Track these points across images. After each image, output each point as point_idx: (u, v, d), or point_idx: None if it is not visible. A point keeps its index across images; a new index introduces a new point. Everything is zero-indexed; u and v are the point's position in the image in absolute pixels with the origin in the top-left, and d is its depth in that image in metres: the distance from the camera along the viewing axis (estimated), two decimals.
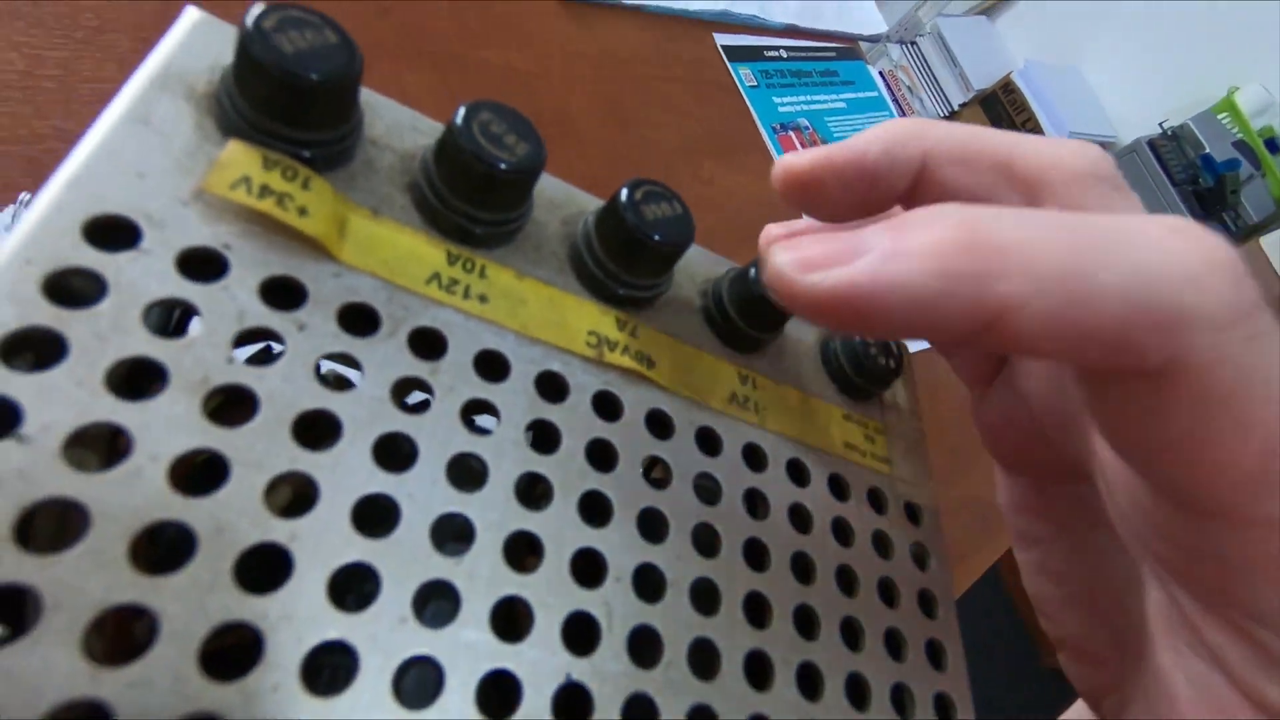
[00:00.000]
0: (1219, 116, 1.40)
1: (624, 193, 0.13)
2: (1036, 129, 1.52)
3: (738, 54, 0.64)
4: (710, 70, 0.60)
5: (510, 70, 0.49)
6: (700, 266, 0.15)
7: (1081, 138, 1.54)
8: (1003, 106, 1.56)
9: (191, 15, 0.12)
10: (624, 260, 0.13)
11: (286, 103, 0.10)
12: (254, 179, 0.10)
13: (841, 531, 0.14)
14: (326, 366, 0.11)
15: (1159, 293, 0.09)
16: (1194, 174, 1.33)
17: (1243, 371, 0.09)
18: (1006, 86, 1.54)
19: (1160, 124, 1.42)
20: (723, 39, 0.63)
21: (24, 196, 0.31)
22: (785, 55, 0.67)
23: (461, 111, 0.12)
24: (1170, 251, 0.09)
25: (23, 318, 0.08)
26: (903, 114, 1.68)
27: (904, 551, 0.15)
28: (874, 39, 0.72)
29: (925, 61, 1.56)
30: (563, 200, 0.14)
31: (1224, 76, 1.47)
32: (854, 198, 0.15)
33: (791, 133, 0.64)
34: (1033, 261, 0.09)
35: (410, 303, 0.11)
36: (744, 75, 0.63)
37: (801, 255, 0.10)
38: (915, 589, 0.14)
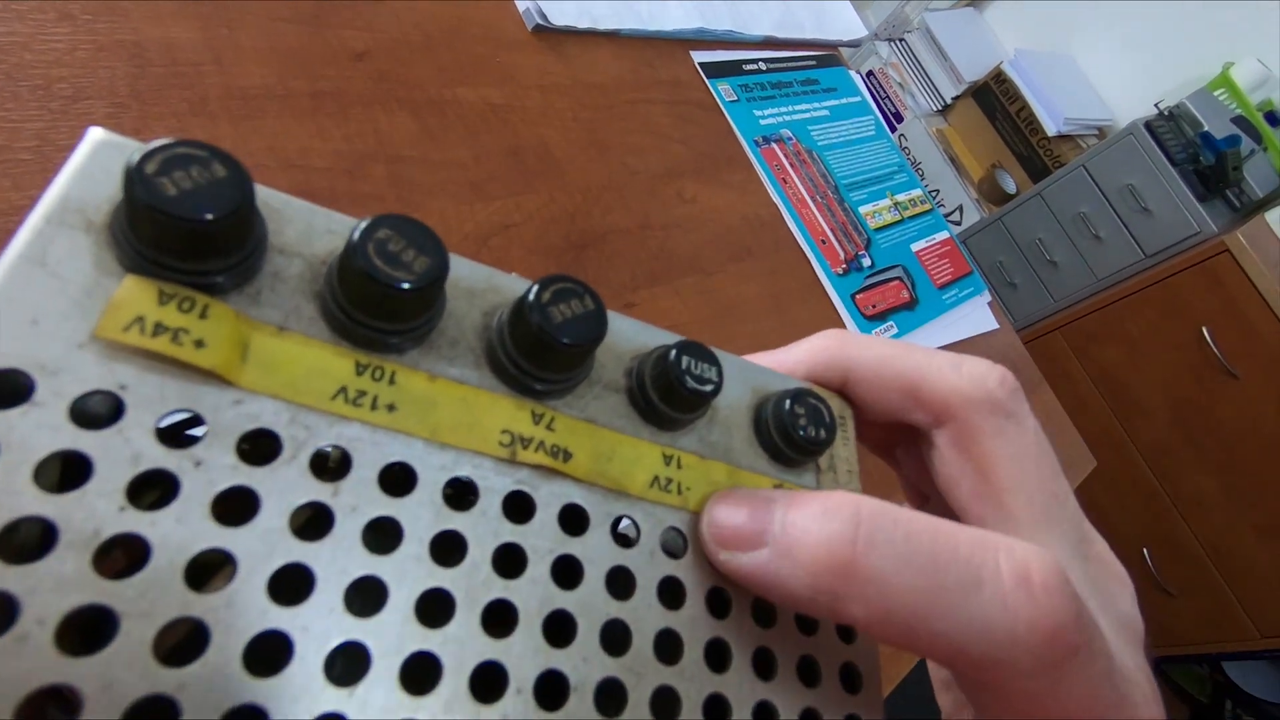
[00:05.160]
0: (1215, 93, 1.38)
1: (532, 292, 0.13)
2: (1030, 118, 1.51)
3: (716, 70, 0.64)
4: (689, 89, 0.60)
5: (487, 107, 0.49)
6: (628, 343, 0.15)
7: (1076, 123, 1.53)
8: (995, 97, 1.55)
9: (94, 137, 0.11)
10: (535, 360, 0.13)
11: (178, 242, 0.11)
12: (148, 317, 0.11)
13: (763, 613, 0.14)
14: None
15: (980, 646, 0.11)
16: (1194, 153, 1.31)
17: (1042, 703, 0.11)
18: (998, 77, 1.54)
19: (1156, 104, 1.40)
20: (700, 56, 0.63)
21: None
22: (764, 67, 0.67)
23: (358, 230, 0.12)
24: (1007, 609, 0.11)
25: None
26: (897, 115, 1.66)
27: (829, 626, 0.15)
28: (854, 44, 0.71)
29: (915, 57, 1.56)
30: (482, 288, 0.14)
31: (1218, 53, 1.45)
32: None
33: (775, 144, 0.64)
34: (886, 597, 0.11)
35: (314, 422, 0.12)
36: (723, 91, 0.63)
37: (720, 529, 0.13)
38: (838, 661, 0.14)
